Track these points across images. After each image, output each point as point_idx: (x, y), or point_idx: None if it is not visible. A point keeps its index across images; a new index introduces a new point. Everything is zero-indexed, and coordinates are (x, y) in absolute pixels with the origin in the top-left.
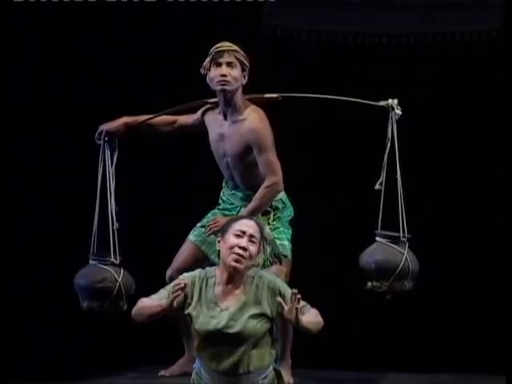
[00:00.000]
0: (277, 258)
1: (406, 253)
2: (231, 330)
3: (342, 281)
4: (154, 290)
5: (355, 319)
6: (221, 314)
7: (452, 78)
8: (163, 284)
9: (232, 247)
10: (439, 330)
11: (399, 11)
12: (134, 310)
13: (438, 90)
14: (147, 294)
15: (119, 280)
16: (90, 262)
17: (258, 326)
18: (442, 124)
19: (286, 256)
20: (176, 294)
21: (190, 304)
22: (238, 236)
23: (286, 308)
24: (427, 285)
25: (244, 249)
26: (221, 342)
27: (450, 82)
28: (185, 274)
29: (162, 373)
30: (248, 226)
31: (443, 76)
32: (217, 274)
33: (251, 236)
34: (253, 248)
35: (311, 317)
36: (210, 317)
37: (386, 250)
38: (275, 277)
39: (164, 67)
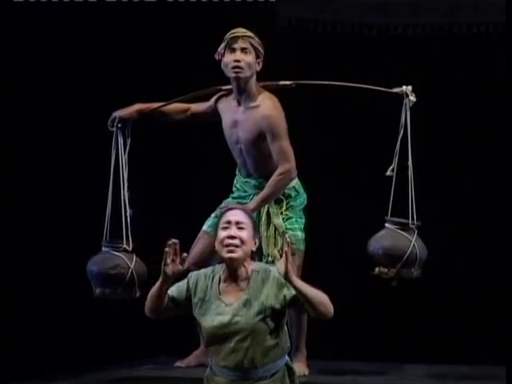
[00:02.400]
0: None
1: (413, 240)
2: (235, 326)
3: (354, 268)
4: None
5: (369, 308)
6: (225, 309)
7: (467, 68)
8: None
9: (222, 240)
10: (454, 320)
11: (416, 2)
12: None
13: (453, 80)
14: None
15: (131, 267)
16: (103, 248)
17: (263, 321)
18: (454, 113)
19: (297, 248)
20: (170, 250)
21: (196, 303)
22: (225, 228)
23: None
24: (442, 273)
25: (233, 237)
26: (225, 337)
27: (466, 72)
28: (193, 273)
29: (178, 364)
30: (232, 214)
31: (458, 66)
32: (222, 270)
33: (238, 223)
34: (243, 234)
35: (313, 289)
36: (215, 314)
37: (394, 237)
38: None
39: (177, 55)
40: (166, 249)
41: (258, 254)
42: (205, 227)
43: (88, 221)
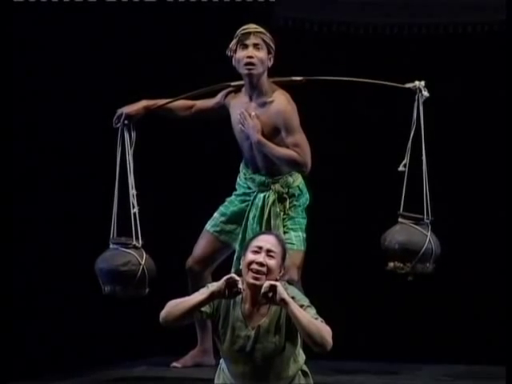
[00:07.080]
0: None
1: (429, 235)
2: (258, 353)
3: (364, 265)
4: (173, 276)
5: (368, 309)
6: (247, 333)
7: (466, 68)
8: (182, 270)
9: (249, 264)
10: (454, 320)
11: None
12: (165, 310)
13: (452, 80)
14: (166, 280)
15: (142, 263)
16: (111, 246)
17: (283, 346)
18: (453, 113)
19: (298, 249)
20: (231, 282)
21: (218, 318)
22: (255, 252)
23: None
24: (441, 273)
25: (261, 264)
26: (246, 361)
27: (465, 72)
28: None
29: (175, 364)
30: (265, 240)
31: (456, 66)
32: (243, 290)
33: (269, 251)
34: (272, 262)
35: (312, 319)
36: (236, 336)
37: (410, 231)
38: (298, 292)
39: (177, 54)
40: (234, 280)
41: None
42: (208, 227)
43: (92, 219)
